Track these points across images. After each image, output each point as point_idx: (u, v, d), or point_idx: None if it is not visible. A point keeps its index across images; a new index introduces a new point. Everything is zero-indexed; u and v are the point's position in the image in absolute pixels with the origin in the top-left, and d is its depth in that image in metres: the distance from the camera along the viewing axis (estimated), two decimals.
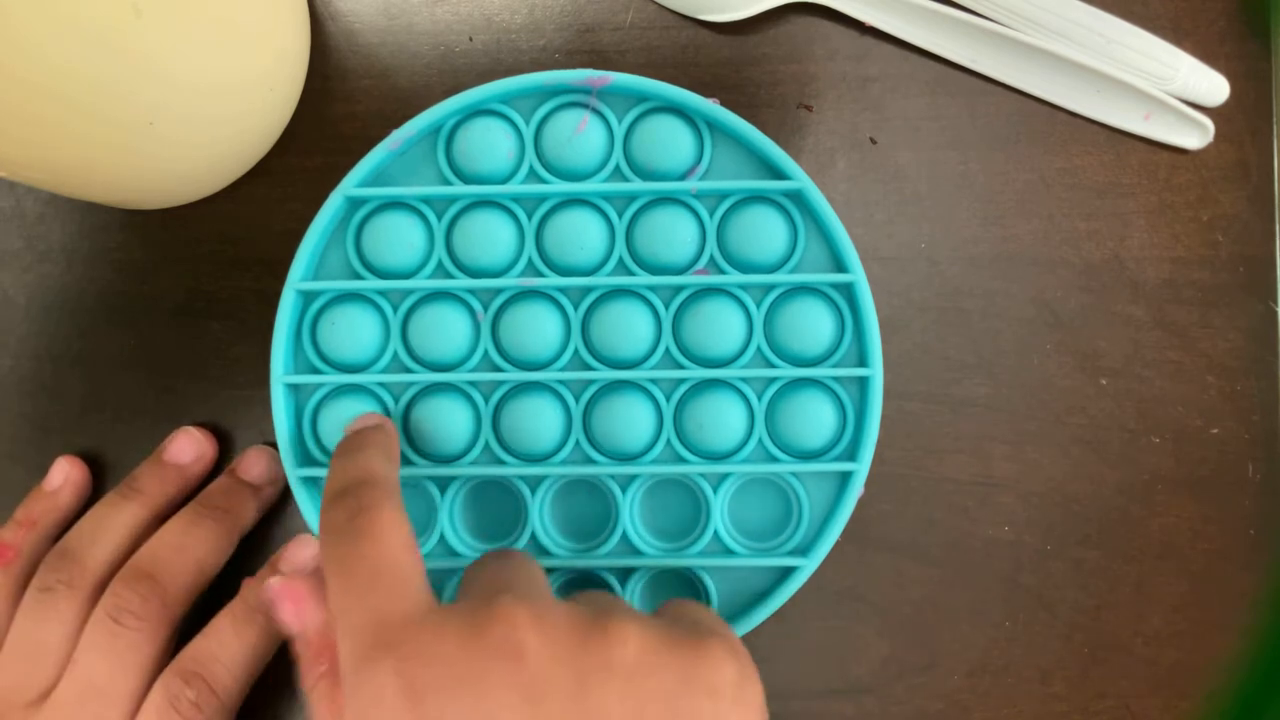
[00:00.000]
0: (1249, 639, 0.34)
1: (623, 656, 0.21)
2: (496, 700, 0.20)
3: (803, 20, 0.34)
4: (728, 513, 0.33)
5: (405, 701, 0.20)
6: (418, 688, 0.20)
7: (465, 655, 0.21)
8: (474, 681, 0.20)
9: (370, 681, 0.21)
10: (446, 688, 0.20)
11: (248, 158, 0.34)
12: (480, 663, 0.21)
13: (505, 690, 0.20)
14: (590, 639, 0.21)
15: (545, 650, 0.21)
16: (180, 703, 0.29)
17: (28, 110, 0.26)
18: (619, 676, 0.21)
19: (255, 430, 0.35)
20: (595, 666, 0.21)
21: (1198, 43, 0.34)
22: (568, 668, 0.21)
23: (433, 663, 0.21)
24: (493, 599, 0.22)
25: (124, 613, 0.29)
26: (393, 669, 0.21)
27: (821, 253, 0.33)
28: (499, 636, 0.21)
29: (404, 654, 0.21)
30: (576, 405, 0.33)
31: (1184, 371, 0.34)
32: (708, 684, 0.21)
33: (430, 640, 0.21)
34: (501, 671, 0.20)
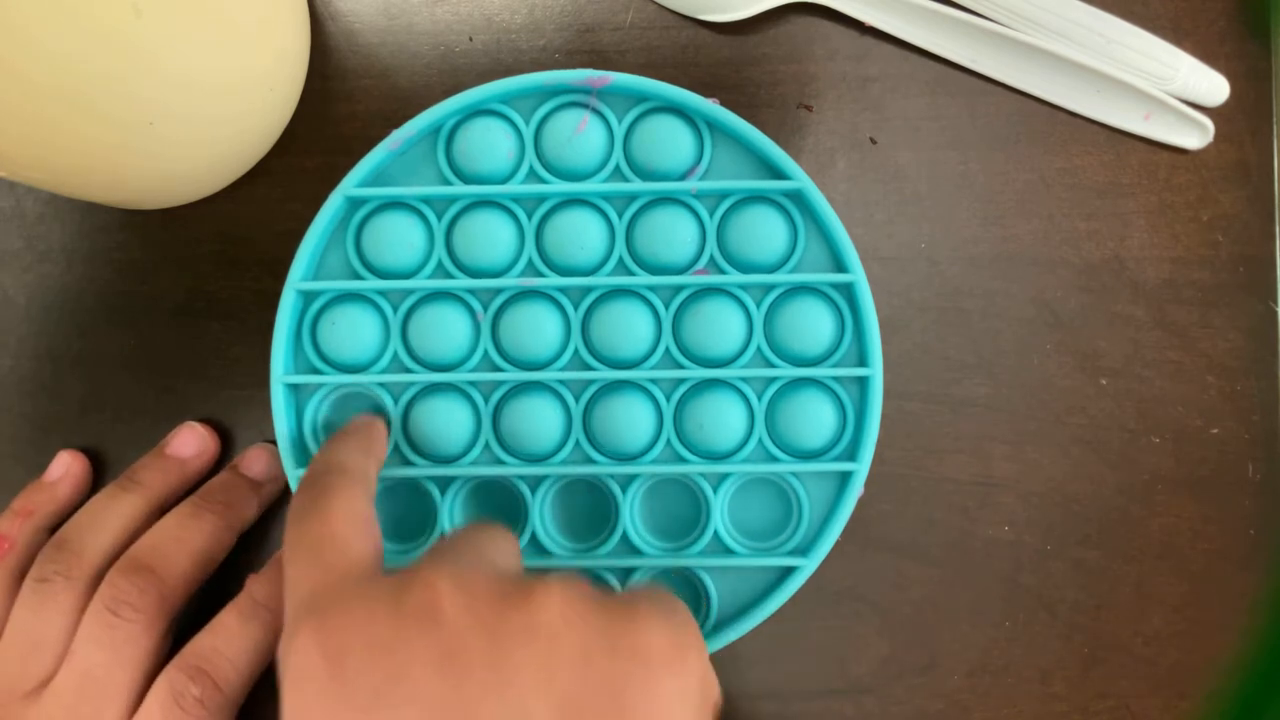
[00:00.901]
0: (1249, 639, 0.34)
1: (546, 619, 0.21)
2: (413, 663, 0.20)
3: (803, 20, 0.34)
4: (728, 513, 0.33)
5: (325, 665, 0.21)
6: (336, 652, 0.21)
7: (384, 620, 0.21)
8: (391, 645, 0.20)
9: (293, 649, 0.21)
10: (364, 652, 0.20)
11: (248, 158, 0.34)
12: (398, 627, 0.21)
13: (421, 653, 0.20)
14: (511, 602, 0.21)
15: (463, 614, 0.21)
16: (185, 699, 0.29)
17: (28, 109, 0.26)
18: (538, 639, 0.21)
19: (255, 430, 0.35)
20: (514, 629, 0.21)
21: (1198, 43, 0.34)
22: (485, 630, 0.21)
23: (352, 628, 0.21)
24: (414, 566, 0.22)
25: (121, 604, 0.29)
26: (313, 634, 0.21)
27: (821, 253, 0.33)
28: (417, 601, 0.21)
29: (325, 621, 0.21)
30: (576, 405, 0.33)
31: (1184, 371, 0.34)
32: (634, 648, 0.21)
33: (354, 607, 0.21)
34: (418, 635, 0.20)
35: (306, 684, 0.21)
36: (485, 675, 0.20)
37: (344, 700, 0.20)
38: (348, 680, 0.20)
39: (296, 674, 0.21)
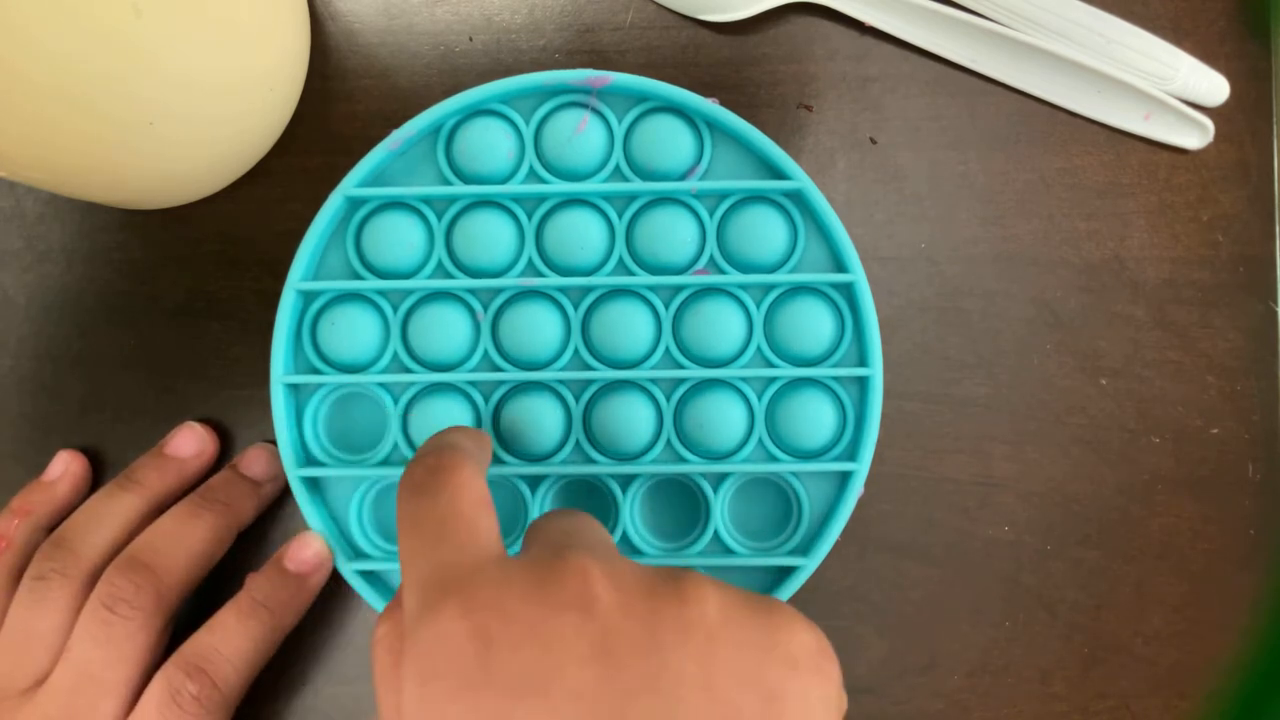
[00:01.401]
0: (1249, 639, 0.34)
1: (700, 616, 0.20)
2: (565, 652, 0.19)
3: (803, 20, 0.34)
4: (728, 512, 0.33)
5: (472, 646, 0.19)
6: (484, 634, 0.19)
7: (533, 606, 0.20)
8: (542, 632, 0.19)
9: (435, 626, 0.20)
10: (514, 636, 0.19)
11: (248, 158, 0.34)
12: (549, 614, 0.20)
13: (574, 642, 0.19)
14: (664, 597, 0.20)
15: (617, 605, 0.20)
16: (182, 696, 0.29)
17: (28, 109, 0.26)
18: (695, 637, 0.20)
19: (255, 430, 0.35)
20: (669, 624, 0.20)
21: (1198, 43, 0.34)
22: (641, 624, 0.20)
23: (500, 610, 0.20)
24: (562, 552, 0.21)
25: (118, 601, 0.29)
26: (459, 613, 0.20)
27: (821, 252, 0.33)
28: (570, 589, 0.20)
29: (471, 600, 0.20)
30: (576, 405, 0.33)
31: (1184, 371, 0.34)
32: (786, 652, 0.20)
33: (498, 589, 0.20)
34: (571, 624, 0.19)
35: (449, 663, 0.19)
36: (641, 669, 0.19)
37: (491, 684, 0.19)
38: (497, 663, 0.19)
39: (434, 653, 0.20)
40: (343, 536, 0.33)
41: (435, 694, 0.19)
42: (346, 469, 0.32)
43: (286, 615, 0.31)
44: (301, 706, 0.34)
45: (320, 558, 0.32)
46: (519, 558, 0.22)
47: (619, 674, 0.19)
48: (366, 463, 0.33)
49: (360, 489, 0.33)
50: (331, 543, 0.32)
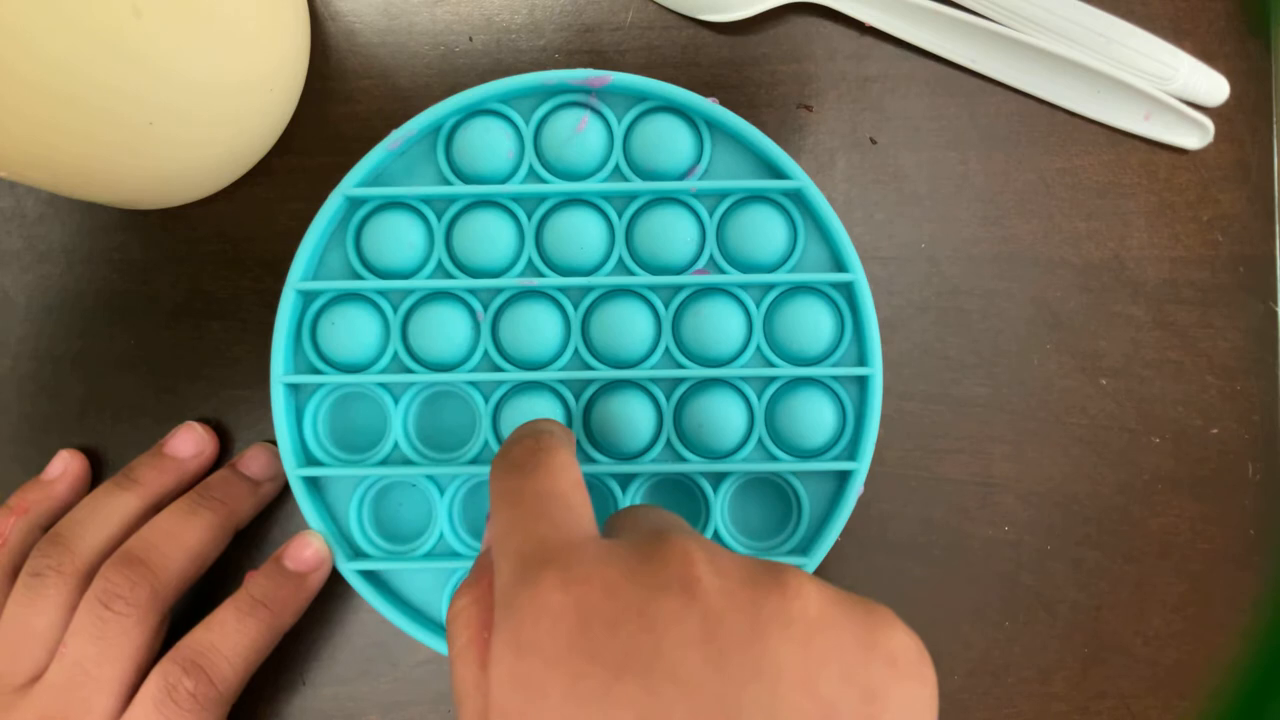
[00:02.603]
0: (1249, 639, 0.34)
1: (802, 610, 0.20)
2: (667, 633, 0.19)
3: (803, 20, 0.34)
4: (728, 512, 0.33)
5: (573, 619, 0.19)
6: (586, 608, 0.19)
7: (635, 584, 0.19)
8: (645, 611, 0.19)
9: (535, 598, 0.20)
10: (615, 613, 0.19)
11: (248, 158, 0.34)
12: (652, 594, 0.19)
13: (677, 624, 0.19)
14: (767, 587, 0.20)
15: (720, 590, 0.19)
16: (178, 692, 0.29)
17: (28, 110, 0.26)
18: (797, 630, 0.19)
19: (255, 430, 0.35)
20: (772, 615, 0.19)
21: (1198, 43, 0.34)
22: (743, 612, 0.19)
23: (603, 586, 0.19)
24: (664, 534, 0.21)
25: (114, 598, 0.29)
26: (560, 585, 0.20)
27: (821, 252, 0.33)
28: (672, 570, 0.20)
29: (572, 573, 0.20)
30: (576, 405, 0.33)
31: (1184, 371, 0.34)
32: (887, 652, 0.20)
33: (600, 565, 0.20)
34: (674, 606, 0.19)
35: (549, 636, 0.19)
36: (743, 657, 0.19)
37: (593, 658, 0.19)
38: (598, 638, 0.19)
39: (533, 624, 0.19)
40: (342, 536, 0.33)
41: (533, 666, 0.19)
42: (346, 469, 0.32)
43: (285, 614, 0.31)
44: (301, 706, 0.34)
45: (320, 557, 0.32)
46: (619, 540, 0.21)
47: (721, 660, 0.19)
48: (366, 462, 0.33)
49: (360, 489, 0.33)
50: (331, 542, 0.32)
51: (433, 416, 0.33)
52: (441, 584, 0.33)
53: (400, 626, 0.32)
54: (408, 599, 0.33)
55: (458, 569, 0.33)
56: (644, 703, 0.18)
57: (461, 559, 0.33)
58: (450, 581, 0.33)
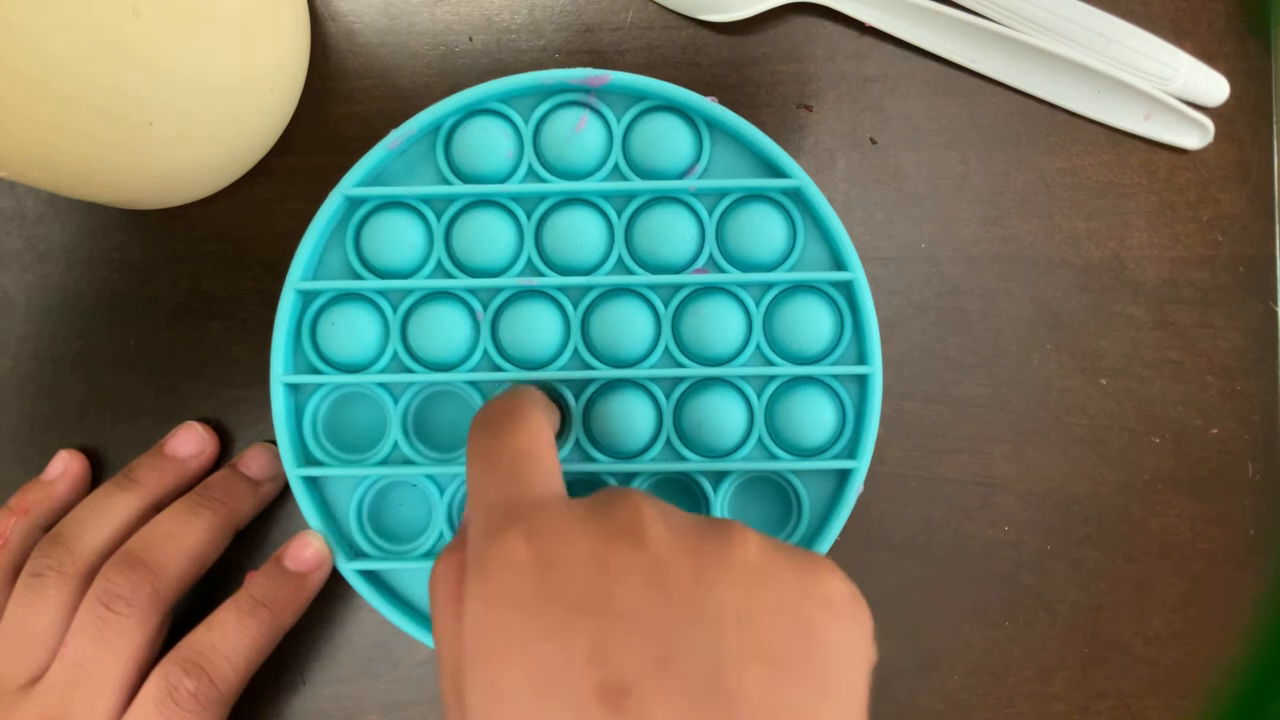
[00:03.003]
0: (1249, 639, 0.34)
1: (743, 558, 0.21)
2: (619, 576, 0.20)
3: (803, 20, 0.34)
4: (728, 511, 0.33)
5: (532, 568, 0.21)
6: (546, 557, 0.21)
7: (590, 535, 0.21)
8: (600, 557, 0.21)
9: (500, 549, 0.21)
10: (572, 559, 0.21)
11: (248, 158, 0.34)
12: (604, 542, 0.21)
13: (627, 569, 0.21)
14: (711, 537, 0.22)
15: (667, 539, 0.21)
16: (179, 693, 0.29)
17: (28, 109, 0.26)
18: (738, 576, 0.21)
19: (255, 430, 0.35)
20: (715, 562, 0.21)
21: (1198, 43, 0.34)
22: (689, 558, 0.21)
23: (562, 536, 0.21)
24: (618, 491, 0.23)
25: (114, 598, 0.29)
26: (524, 538, 0.21)
27: (820, 251, 0.33)
28: (623, 520, 0.21)
29: (534, 527, 0.22)
30: (576, 404, 0.33)
31: (1184, 371, 0.34)
32: (823, 594, 0.21)
33: (559, 519, 0.22)
34: (624, 553, 0.21)
35: (514, 583, 0.21)
36: (689, 601, 0.20)
37: (553, 600, 0.20)
38: (558, 583, 0.21)
39: (500, 574, 0.21)
40: (342, 536, 0.33)
41: (500, 612, 0.21)
42: (346, 468, 0.32)
43: (285, 614, 0.31)
44: (301, 706, 0.34)
45: (320, 557, 0.32)
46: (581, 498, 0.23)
47: (667, 601, 0.20)
48: (366, 462, 0.33)
49: (360, 488, 0.33)
50: (331, 542, 0.32)
51: (432, 416, 0.33)
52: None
53: (400, 626, 0.32)
54: (408, 599, 0.33)
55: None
56: (597, 635, 0.20)
57: None
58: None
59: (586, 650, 0.20)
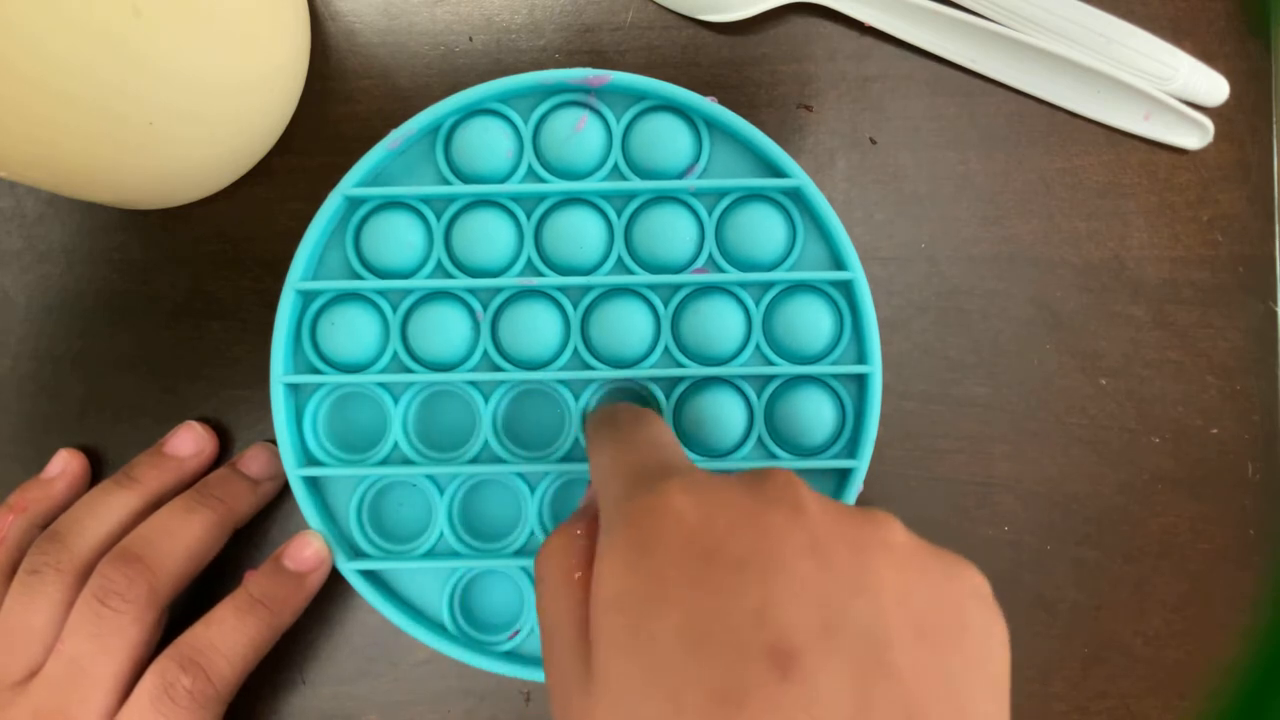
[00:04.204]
0: (1249, 639, 0.34)
1: (895, 539, 0.21)
2: (781, 541, 0.20)
3: (803, 20, 0.34)
4: None
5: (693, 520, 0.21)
6: (704, 512, 0.21)
7: (747, 497, 0.21)
8: (761, 522, 0.20)
9: (656, 502, 0.21)
10: (733, 519, 0.20)
11: (248, 158, 0.34)
12: (764, 507, 0.21)
13: (789, 535, 0.20)
14: (861, 517, 0.21)
15: (823, 513, 0.21)
16: (175, 689, 0.29)
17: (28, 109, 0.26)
18: (893, 555, 0.21)
19: (255, 430, 0.35)
20: (869, 541, 0.21)
21: (1198, 43, 0.34)
22: (845, 531, 0.21)
23: (717, 495, 0.21)
24: (768, 468, 0.23)
25: (110, 594, 0.29)
26: (682, 489, 0.21)
27: (820, 250, 0.33)
28: (780, 490, 0.21)
29: (688, 482, 0.21)
30: (576, 404, 0.33)
31: (1184, 371, 0.34)
32: (970, 584, 0.21)
33: (713, 479, 0.22)
34: (784, 520, 0.20)
35: (669, 532, 0.20)
36: (849, 573, 0.20)
37: (713, 554, 0.20)
38: (718, 538, 0.20)
39: (657, 523, 0.21)
40: (342, 536, 0.33)
41: (655, 561, 0.20)
42: (346, 468, 0.32)
43: (284, 613, 0.31)
44: (301, 706, 0.34)
45: (320, 557, 0.32)
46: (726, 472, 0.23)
47: (829, 570, 0.20)
48: (366, 462, 0.33)
49: (360, 488, 0.33)
50: (331, 542, 0.32)
51: (432, 416, 0.33)
52: (441, 583, 0.33)
53: (400, 626, 0.32)
54: (408, 599, 0.33)
55: (458, 568, 0.33)
56: (760, 596, 0.19)
57: (461, 558, 0.33)
58: (450, 581, 0.33)
59: (754, 608, 0.19)
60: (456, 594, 0.33)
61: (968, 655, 0.20)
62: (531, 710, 0.34)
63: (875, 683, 0.19)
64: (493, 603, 0.33)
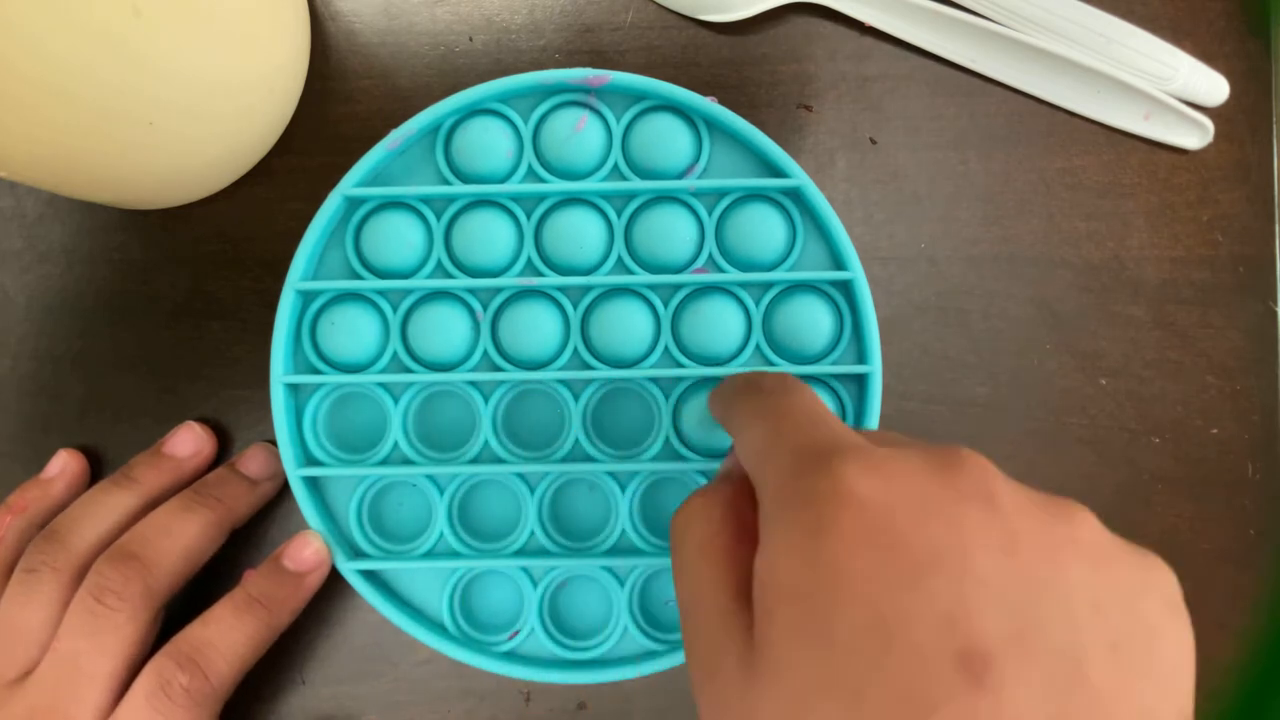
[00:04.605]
0: (1249, 639, 0.34)
1: (1088, 537, 0.19)
2: (973, 538, 0.18)
3: (803, 20, 0.34)
4: None
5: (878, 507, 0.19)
6: (889, 498, 0.19)
7: (935, 485, 0.19)
8: (950, 513, 0.19)
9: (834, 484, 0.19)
10: (920, 509, 0.19)
11: (248, 158, 0.34)
12: (956, 497, 0.19)
13: (981, 532, 0.19)
14: (1056, 511, 0.20)
15: (1016, 506, 0.19)
16: (171, 687, 0.29)
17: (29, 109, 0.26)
18: (1085, 554, 0.19)
19: (255, 430, 0.35)
20: (1065, 537, 0.19)
21: (1198, 43, 0.34)
22: (1040, 529, 0.19)
23: (905, 482, 0.19)
24: (952, 446, 0.20)
25: (106, 592, 0.29)
26: (863, 473, 0.19)
27: (820, 250, 0.33)
28: (973, 480, 0.19)
29: (869, 463, 0.19)
30: (576, 404, 0.33)
31: (1184, 371, 0.34)
32: (1163, 592, 0.20)
33: (897, 461, 0.20)
34: (977, 514, 0.19)
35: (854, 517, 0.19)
36: (1041, 573, 0.18)
37: (900, 548, 0.18)
38: (905, 531, 0.19)
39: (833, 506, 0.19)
40: (342, 536, 0.33)
41: (833, 548, 0.19)
42: (346, 469, 0.32)
43: (283, 613, 0.31)
44: (301, 706, 0.34)
45: (319, 557, 0.32)
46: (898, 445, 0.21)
47: (1023, 572, 0.18)
48: (366, 462, 0.33)
49: (360, 488, 0.33)
50: (331, 542, 0.32)
51: (432, 416, 0.33)
52: (441, 583, 0.33)
53: (400, 626, 0.32)
54: (408, 599, 0.33)
55: (458, 568, 0.33)
56: (951, 597, 0.18)
57: (461, 558, 0.33)
58: (450, 581, 0.33)
59: (944, 610, 0.18)
60: (456, 594, 0.33)
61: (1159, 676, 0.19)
62: (531, 710, 0.34)
63: (1070, 697, 0.17)
64: (493, 603, 0.33)
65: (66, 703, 0.29)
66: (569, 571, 0.33)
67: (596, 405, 0.33)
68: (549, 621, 0.33)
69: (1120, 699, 0.18)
